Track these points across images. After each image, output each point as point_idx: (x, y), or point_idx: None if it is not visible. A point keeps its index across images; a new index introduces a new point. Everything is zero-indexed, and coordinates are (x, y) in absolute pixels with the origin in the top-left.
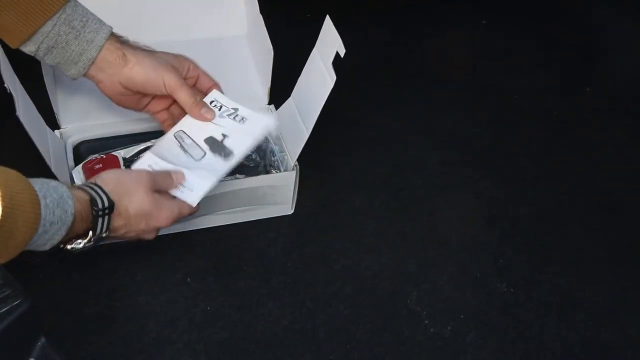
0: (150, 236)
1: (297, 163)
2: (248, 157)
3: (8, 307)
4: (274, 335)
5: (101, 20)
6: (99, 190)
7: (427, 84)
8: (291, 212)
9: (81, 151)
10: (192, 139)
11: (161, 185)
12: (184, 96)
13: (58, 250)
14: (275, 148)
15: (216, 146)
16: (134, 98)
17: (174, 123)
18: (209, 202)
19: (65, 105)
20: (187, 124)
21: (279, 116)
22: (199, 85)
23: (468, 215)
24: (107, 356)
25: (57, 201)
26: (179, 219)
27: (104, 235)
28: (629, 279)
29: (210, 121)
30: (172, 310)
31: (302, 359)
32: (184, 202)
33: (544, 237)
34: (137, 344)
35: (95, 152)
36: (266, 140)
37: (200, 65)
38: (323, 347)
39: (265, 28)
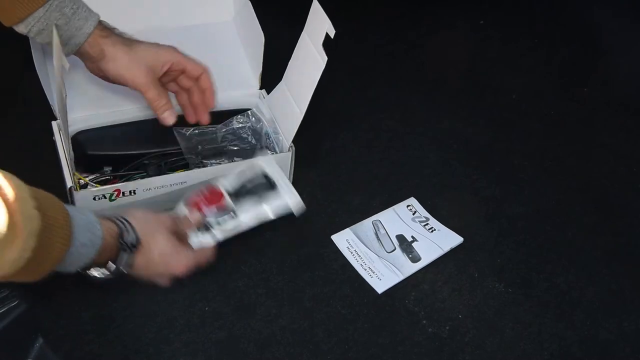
0: (164, 281)
1: (292, 144)
2: (244, 140)
3: (6, 309)
4: (272, 335)
5: (90, 9)
6: (128, 226)
7: (426, 84)
8: None
9: (80, 140)
10: (386, 231)
11: (181, 226)
12: (150, 97)
13: (81, 274)
14: (270, 130)
15: (405, 245)
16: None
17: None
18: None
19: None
20: (385, 216)
21: (271, 100)
22: (188, 74)
23: (466, 215)
24: (104, 357)
25: (86, 225)
26: (194, 268)
27: (123, 270)
28: (626, 277)
29: (169, 126)
30: (170, 310)
31: (300, 358)
32: (201, 253)
33: (541, 237)
34: (135, 345)
35: (94, 142)
36: (261, 122)
37: (189, 52)
38: (321, 347)
39: (254, 13)
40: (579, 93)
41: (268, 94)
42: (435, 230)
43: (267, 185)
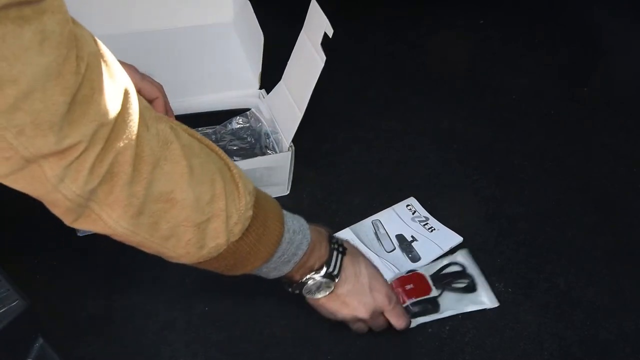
0: (362, 314)
1: (292, 144)
2: (243, 140)
3: (6, 308)
4: (272, 336)
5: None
6: (335, 235)
7: (426, 84)
8: (287, 192)
9: None
10: (386, 231)
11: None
12: None
13: (293, 287)
14: (269, 130)
15: (405, 245)
16: None
17: None
18: None
19: None
20: (385, 215)
21: (271, 100)
22: (144, 96)
23: (466, 215)
24: (105, 357)
25: (290, 215)
26: (393, 307)
27: (336, 274)
28: (626, 278)
29: None
30: (170, 310)
31: (300, 358)
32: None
33: (541, 237)
34: (135, 345)
35: None
36: (260, 122)
37: (189, 52)
38: (321, 347)
39: (254, 14)
40: (579, 93)
41: (268, 94)
42: (434, 229)
43: (462, 274)
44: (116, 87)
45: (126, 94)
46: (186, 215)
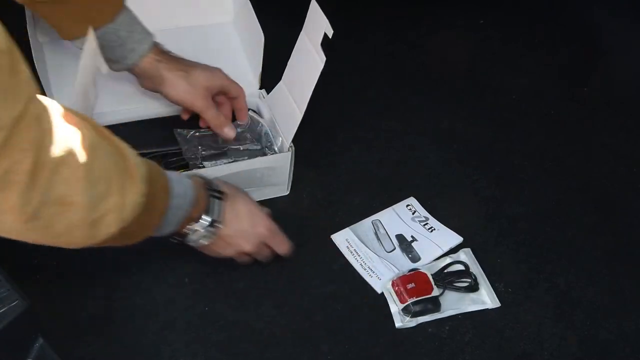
0: (247, 248)
1: (292, 144)
2: (244, 141)
3: (6, 308)
4: (272, 336)
5: (146, 30)
6: (214, 180)
7: (426, 84)
8: (287, 193)
9: None
10: (386, 231)
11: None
12: (209, 118)
13: (177, 240)
14: (270, 130)
15: (405, 245)
16: None
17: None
18: None
19: (60, 96)
20: (385, 215)
21: (271, 100)
22: (229, 94)
23: (466, 215)
24: (105, 357)
25: (175, 177)
26: (274, 237)
27: (216, 220)
28: (626, 278)
29: (231, 139)
30: (170, 310)
31: (300, 358)
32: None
33: (541, 237)
34: (135, 345)
35: None
36: (260, 123)
37: (189, 52)
38: (321, 347)
39: (254, 13)
40: (579, 93)
41: (268, 94)
42: (434, 229)
43: (464, 274)
44: (15, 93)
45: (29, 100)
46: (81, 215)
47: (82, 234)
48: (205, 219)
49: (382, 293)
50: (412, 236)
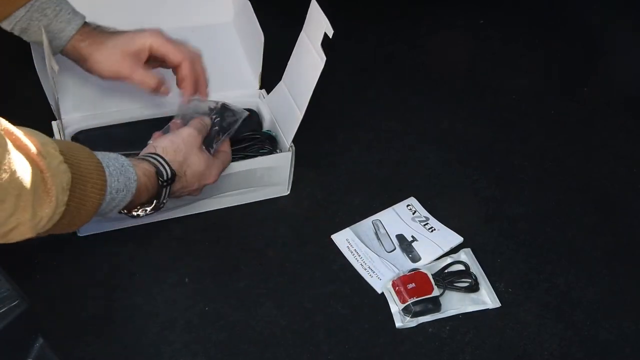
0: (197, 193)
1: (292, 144)
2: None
3: (6, 308)
4: (272, 336)
5: (75, 11)
6: (163, 162)
7: (426, 84)
8: (287, 192)
9: (80, 141)
10: (386, 231)
11: (203, 133)
12: (137, 80)
13: (124, 214)
14: (270, 131)
15: (405, 245)
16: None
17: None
18: (207, 186)
19: (60, 96)
20: (385, 215)
21: (271, 100)
22: (168, 61)
23: (466, 215)
24: (105, 357)
25: (119, 170)
26: (223, 171)
27: (165, 202)
28: (626, 278)
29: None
30: (170, 310)
31: (300, 359)
32: (224, 155)
33: (541, 237)
34: (135, 345)
35: (94, 142)
36: (260, 124)
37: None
38: (321, 347)
39: (254, 14)
40: (579, 93)
41: (268, 94)
42: (435, 230)
43: (465, 274)
44: None
45: None
46: None
47: None
48: (153, 204)
49: (383, 293)
50: (412, 236)
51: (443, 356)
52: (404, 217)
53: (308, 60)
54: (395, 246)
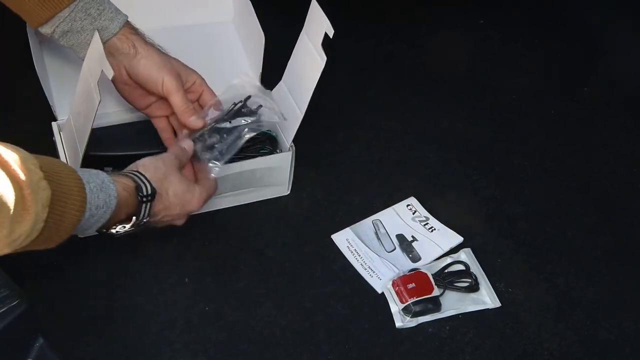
0: (180, 222)
1: (292, 144)
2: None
3: (6, 308)
4: (273, 336)
5: (118, 10)
6: (143, 178)
7: (426, 84)
8: (287, 192)
9: None
10: (386, 230)
11: (182, 160)
12: (177, 100)
13: (102, 234)
14: (270, 131)
15: (405, 245)
16: (136, 93)
17: (172, 135)
18: None
19: (60, 96)
20: (385, 215)
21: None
22: (202, 101)
23: (466, 215)
24: (105, 357)
25: (100, 186)
26: (207, 201)
27: (145, 220)
28: (626, 278)
29: (198, 130)
30: (171, 310)
31: (300, 358)
32: (209, 184)
33: (541, 237)
34: (136, 345)
35: (94, 142)
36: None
37: (189, 52)
38: (321, 347)
39: (254, 13)
40: (579, 93)
41: None
42: (435, 229)
43: (465, 273)
44: None
45: None
46: None
47: None
48: (133, 221)
49: (383, 293)
50: (412, 236)
51: (443, 356)
52: (404, 217)
53: (308, 60)
54: (395, 246)
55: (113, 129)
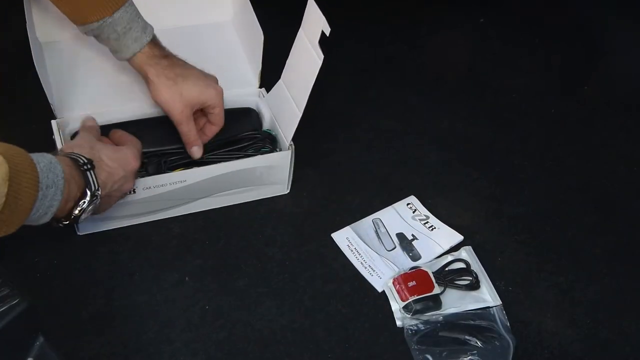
0: (130, 185)
1: (292, 142)
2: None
3: (6, 307)
4: (273, 335)
5: (145, 27)
6: (73, 154)
7: (426, 84)
8: (287, 191)
9: None
10: (386, 229)
11: (95, 133)
12: (183, 131)
13: (64, 221)
14: (270, 130)
15: (405, 244)
16: None
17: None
18: (207, 184)
19: (60, 95)
20: (386, 214)
21: (270, 99)
22: (210, 119)
23: (466, 214)
24: (105, 356)
25: (48, 166)
26: (140, 155)
27: (98, 190)
28: (626, 277)
29: (197, 159)
30: (171, 309)
31: (300, 358)
32: (130, 140)
33: (542, 236)
34: (136, 344)
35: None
36: (260, 123)
37: (189, 51)
38: (321, 346)
39: (253, 12)
40: (579, 93)
41: (267, 92)
42: (435, 228)
43: (466, 272)
44: None
45: None
46: None
47: None
48: (89, 194)
49: (383, 292)
50: (412, 235)
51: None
52: (404, 215)
53: (306, 59)
54: (395, 245)
55: (113, 127)
